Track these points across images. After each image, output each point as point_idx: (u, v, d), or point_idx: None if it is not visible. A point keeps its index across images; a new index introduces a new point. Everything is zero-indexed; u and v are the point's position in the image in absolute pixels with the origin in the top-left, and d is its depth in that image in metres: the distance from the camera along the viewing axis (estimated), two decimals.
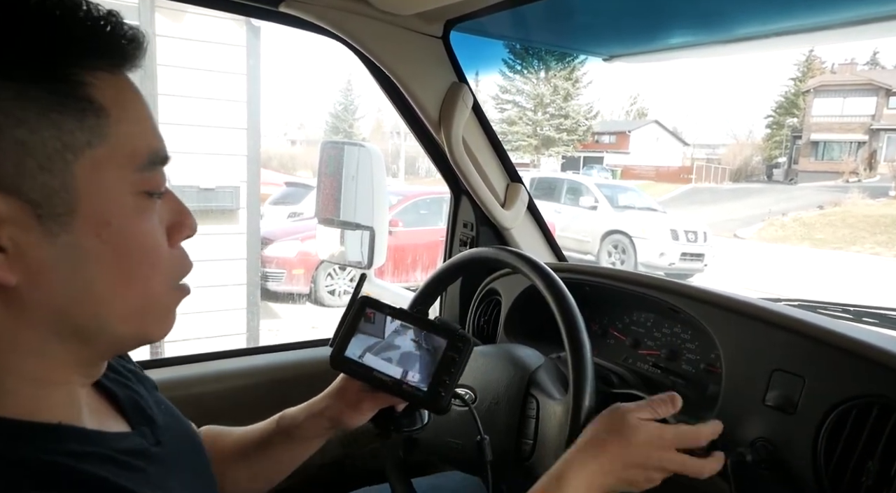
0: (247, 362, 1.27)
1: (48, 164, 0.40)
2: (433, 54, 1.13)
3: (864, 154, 25.07)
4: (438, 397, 0.70)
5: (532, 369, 0.87)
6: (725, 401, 0.83)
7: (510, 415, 0.85)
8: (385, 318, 0.75)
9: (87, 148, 0.42)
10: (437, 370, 0.71)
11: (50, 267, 0.42)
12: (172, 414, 0.61)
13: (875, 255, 12.91)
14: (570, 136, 28.05)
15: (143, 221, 0.46)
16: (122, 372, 0.58)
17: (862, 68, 29.12)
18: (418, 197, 7.01)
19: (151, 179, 0.46)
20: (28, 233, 0.40)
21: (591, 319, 1.12)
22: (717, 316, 0.88)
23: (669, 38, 1.30)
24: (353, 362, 0.74)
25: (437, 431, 0.91)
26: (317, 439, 0.77)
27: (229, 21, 3.57)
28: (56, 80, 0.40)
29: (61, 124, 0.40)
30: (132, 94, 0.46)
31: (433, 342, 0.72)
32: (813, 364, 0.75)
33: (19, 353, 0.43)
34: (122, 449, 0.47)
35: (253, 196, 3.88)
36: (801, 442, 0.73)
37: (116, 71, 0.44)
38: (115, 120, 0.43)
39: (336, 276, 6.25)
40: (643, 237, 8.91)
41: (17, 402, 0.43)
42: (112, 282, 0.44)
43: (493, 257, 0.94)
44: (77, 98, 0.41)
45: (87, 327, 0.45)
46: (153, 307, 0.48)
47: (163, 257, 0.48)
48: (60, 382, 0.46)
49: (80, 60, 0.42)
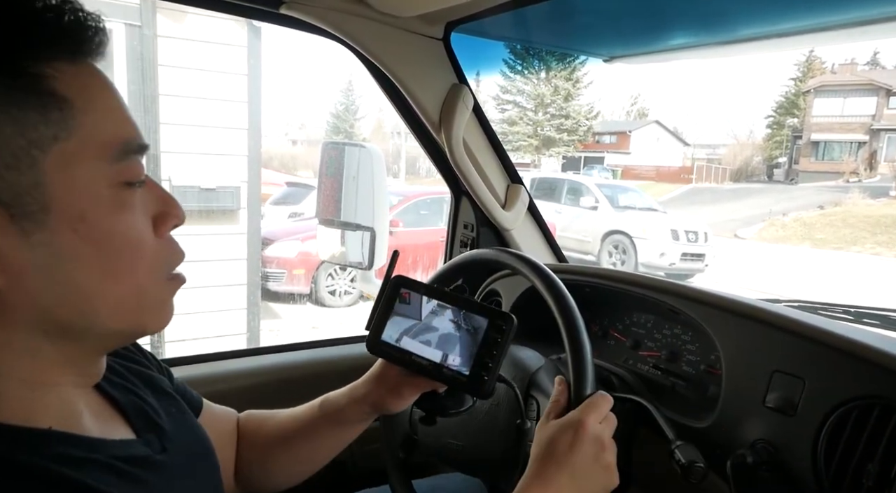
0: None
1: (14, 162, 0.39)
2: (434, 56, 1.13)
3: (865, 154, 25.05)
4: (482, 382, 0.66)
5: (532, 370, 0.87)
6: (726, 402, 0.83)
7: (511, 417, 0.85)
8: (421, 298, 0.72)
9: (54, 142, 0.40)
10: (478, 352, 0.67)
11: (29, 267, 0.41)
12: (184, 420, 0.60)
13: (876, 255, 12.91)
14: (570, 136, 28.05)
15: (122, 214, 0.44)
16: (127, 377, 0.57)
17: (862, 68, 29.10)
18: (419, 197, 7.00)
19: (127, 170, 0.44)
20: (3, 234, 0.40)
21: (592, 320, 1.12)
22: (717, 317, 0.88)
23: (670, 39, 1.30)
24: (390, 346, 0.71)
25: (438, 432, 0.92)
26: (360, 424, 0.77)
27: (230, 21, 3.57)
28: (13, 75, 0.39)
29: (23, 120, 0.39)
30: (98, 82, 0.44)
31: (473, 322, 0.69)
32: (813, 366, 0.75)
33: (9, 355, 0.43)
34: (124, 457, 0.46)
35: (254, 196, 3.87)
36: (801, 444, 0.72)
37: (79, 60, 0.43)
38: (80, 111, 0.42)
39: (337, 276, 6.25)
40: (644, 238, 8.90)
41: (10, 405, 0.43)
42: (96, 277, 0.43)
43: (493, 258, 0.94)
44: (38, 92, 0.40)
45: (75, 325, 0.44)
46: (145, 300, 0.47)
47: (148, 248, 0.47)
48: (53, 383, 0.45)
49: (38, 52, 0.40)
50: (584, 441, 0.61)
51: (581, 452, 0.61)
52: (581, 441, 0.61)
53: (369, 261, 1.32)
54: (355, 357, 1.32)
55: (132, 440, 0.51)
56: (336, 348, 1.37)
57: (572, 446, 0.61)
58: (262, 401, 1.18)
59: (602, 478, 0.62)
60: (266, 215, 8.79)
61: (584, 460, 0.61)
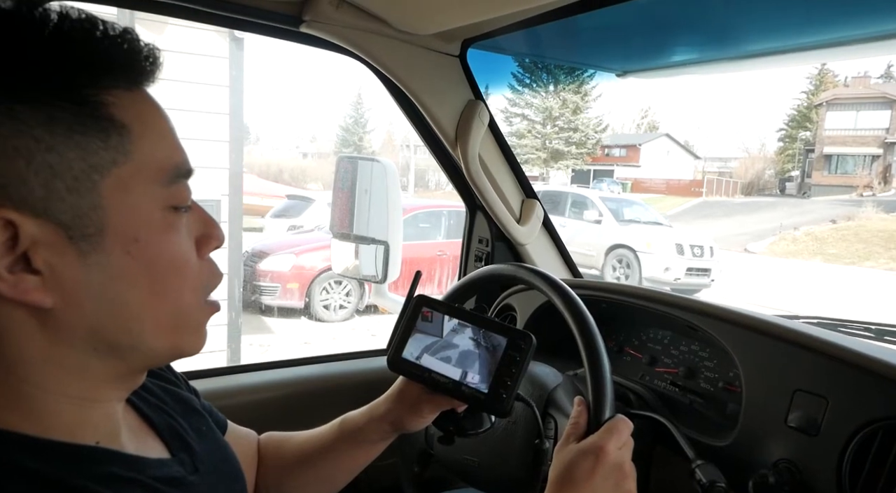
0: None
1: (76, 185, 0.41)
2: (451, 72, 1.14)
3: (879, 168, 24.84)
4: (500, 399, 0.67)
5: (550, 388, 0.87)
6: (746, 421, 0.82)
7: (527, 435, 0.84)
8: (443, 317, 0.72)
9: (113, 166, 0.42)
10: (497, 371, 0.68)
11: (83, 286, 0.42)
12: (213, 440, 0.61)
13: (890, 270, 12.73)
14: (579, 149, 28.06)
15: (171, 236, 0.46)
16: (162, 397, 0.58)
17: (876, 81, 28.94)
18: (417, 210, 6.81)
19: (177, 193, 0.46)
20: (61, 255, 0.41)
21: (608, 336, 1.12)
22: (735, 334, 0.87)
23: (682, 55, 1.31)
24: (410, 363, 0.71)
25: (454, 448, 0.91)
26: (381, 443, 0.76)
27: (211, 33, 3.51)
28: (79, 102, 0.41)
29: (86, 145, 0.41)
30: (153, 109, 0.46)
31: (493, 341, 0.69)
32: (836, 385, 0.74)
33: (60, 371, 0.44)
34: (160, 477, 0.47)
35: (235, 210, 3.80)
36: (825, 465, 0.71)
37: (134, 87, 0.45)
38: (137, 136, 0.43)
39: (331, 290, 6.18)
40: (648, 252, 8.80)
41: (59, 421, 0.43)
42: (144, 297, 0.45)
43: (511, 273, 0.94)
44: (99, 118, 0.41)
45: (122, 343, 0.45)
46: (185, 321, 0.48)
47: (192, 269, 0.48)
48: (100, 399, 0.46)
49: (100, 80, 0.42)
50: (604, 468, 0.61)
51: (602, 478, 0.61)
52: (602, 468, 0.61)
53: (383, 274, 1.32)
54: (373, 371, 1.32)
55: (168, 459, 0.52)
56: (354, 362, 1.37)
57: (593, 472, 0.61)
58: (278, 415, 1.19)
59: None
60: (266, 228, 8.82)
61: (604, 487, 0.61)
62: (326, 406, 0.98)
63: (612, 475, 0.61)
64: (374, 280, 1.35)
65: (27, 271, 0.40)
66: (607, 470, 0.61)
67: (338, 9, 0.97)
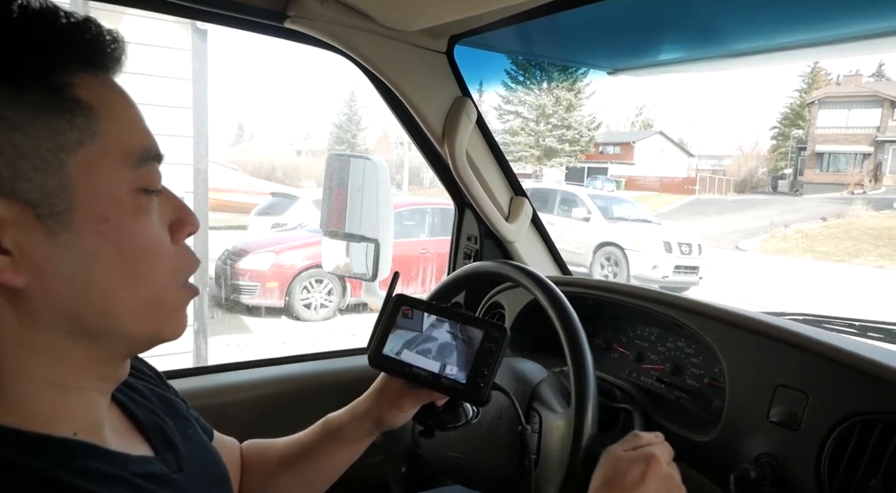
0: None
1: (43, 164, 0.41)
2: (437, 69, 1.14)
3: (870, 166, 25.02)
4: (477, 389, 0.69)
5: (534, 383, 0.87)
6: (729, 416, 0.82)
7: (513, 429, 0.85)
8: (422, 314, 0.75)
9: (80, 146, 0.43)
10: (475, 361, 0.70)
11: (55, 266, 0.42)
12: (199, 443, 0.61)
13: (879, 267, 12.83)
14: (572, 146, 28.09)
15: (141, 218, 0.46)
16: (149, 397, 0.58)
17: (867, 80, 29.13)
18: (402, 207, 6.72)
19: (146, 176, 0.47)
20: (30, 234, 0.41)
21: (595, 333, 1.12)
22: (720, 331, 0.87)
23: (672, 53, 1.31)
24: (390, 359, 0.73)
25: (440, 446, 0.91)
26: (363, 441, 0.77)
27: (173, 24, 3.41)
28: (46, 84, 0.42)
29: (52, 125, 0.41)
30: (118, 93, 0.47)
31: (469, 334, 0.72)
32: (816, 380, 0.75)
33: (34, 355, 0.44)
34: (142, 474, 0.47)
35: (201, 206, 3.68)
36: (804, 459, 0.72)
37: (100, 73, 0.46)
38: (102, 118, 0.44)
39: (312, 289, 6.11)
40: (636, 249, 8.79)
41: (35, 410, 0.43)
42: (117, 278, 0.45)
43: (495, 270, 0.94)
44: (64, 99, 0.42)
45: (98, 326, 0.45)
46: (162, 304, 0.48)
47: (166, 253, 0.48)
48: (78, 386, 0.46)
49: (66, 65, 0.43)
50: (657, 475, 0.63)
51: (653, 484, 0.63)
52: (654, 475, 0.63)
53: (373, 272, 1.32)
54: (353, 370, 1.32)
55: (151, 457, 0.51)
56: (337, 360, 1.36)
57: (644, 477, 0.63)
58: (261, 414, 1.18)
59: None
60: (250, 226, 8.75)
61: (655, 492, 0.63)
62: (307, 406, 0.99)
63: (665, 485, 0.64)
64: (365, 278, 1.35)
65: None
66: (660, 478, 0.63)
67: (323, 4, 0.96)
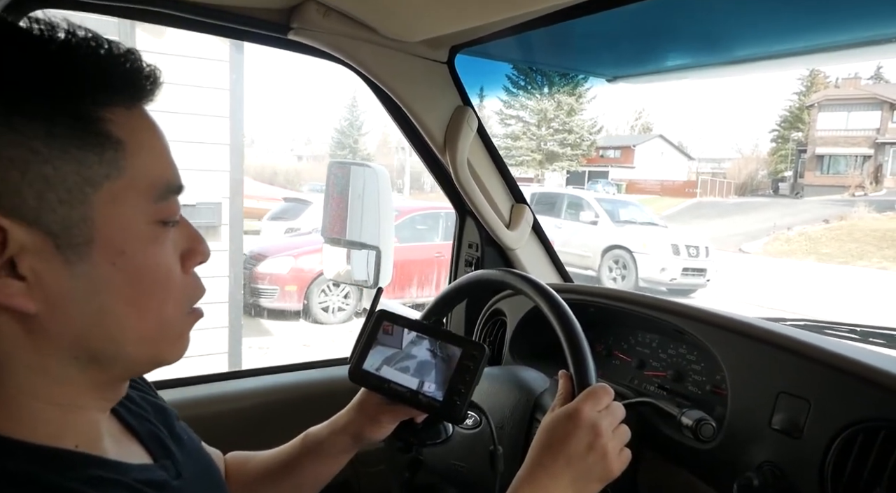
0: (267, 381, 1.28)
1: (68, 197, 0.42)
2: (439, 79, 1.15)
3: (870, 168, 25.00)
4: (454, 407, 0.70)
5: (537, 392, 0.87)
6: (731, 424, 0.82)
7: (515, 439, 0.85)
8: (403, 330, 0.76)
9: (106, 181, 0.43)
10: (452, 379, 0.71)
11: (68, 295, 0.43)
12: (193, 449, 0.61)
13: (882, 269, 12.80)
14: (573, 150, 28.12)
15: (156, 249, 0.47)
16: (142, 405, 0.59)
17: (866, 82, 29.15)
18: (415, 212, 6.88)
19: (166, 209, 0.47)
20: (47, 263, 0.42)
21: (596, 340, 1.12)
22: (722, 338, 0.88)
23: (671, 60, 1.32)
24: (370, 374, 0.74)
25: (443, 454, 0.91)
26: (342, 455, 0.78)
27: (211, 37, 3.54)
28: (78, 117, 0.42)
29: (81, 159, 0.42)
30: (149, 127, 0.47)
31: (448, 352, 0.73)
32: (818, 387, 0.75)
33: (41, 378, 0.44)
34: (144, 480, 0.48)
35: (236, 212, 3.79)
36: (808, 467, 0.72)
37: (133, 105, 0.46)
38: (131, 153, 0.44)
39: (330, 292, 6.18)
40: (644, 252, 8.81)
41: (42, 427, 0.44)
42: (127, 308, 0.45)
43: (497, 279, 0.94)
44: (96, 133, 0.42)
45: (104, 352, 0.46)
46: (167, 331, 0.49)
47: (176, 283, 0.49)
48: (82, 406, 0.47)
49: (100, 97, 0.43)
50: (579, 428, 0.63)
51: (576, 439, 0.63)
52: (577, 429, 0.63)
53: (374, 279, 1.32)
54: (339, 381, 1.31)
55: (150, 464, 0.52)
56: (320, 371, 1.36)
57: (568, 433, 0.63)
58: (246, 425, 1.18)
59: (599, 466, 0.64)
60: (263, 231, 8.81)
61: (578, 447, 0.63)
62: (293, 416, 0.99)
63: (587, 436, 0.63)
64: (366, 285, 1.35)
65: (12, 276, 0.41)
66: (583, 431, 0.63)
67: (325, 16, 0.97)
